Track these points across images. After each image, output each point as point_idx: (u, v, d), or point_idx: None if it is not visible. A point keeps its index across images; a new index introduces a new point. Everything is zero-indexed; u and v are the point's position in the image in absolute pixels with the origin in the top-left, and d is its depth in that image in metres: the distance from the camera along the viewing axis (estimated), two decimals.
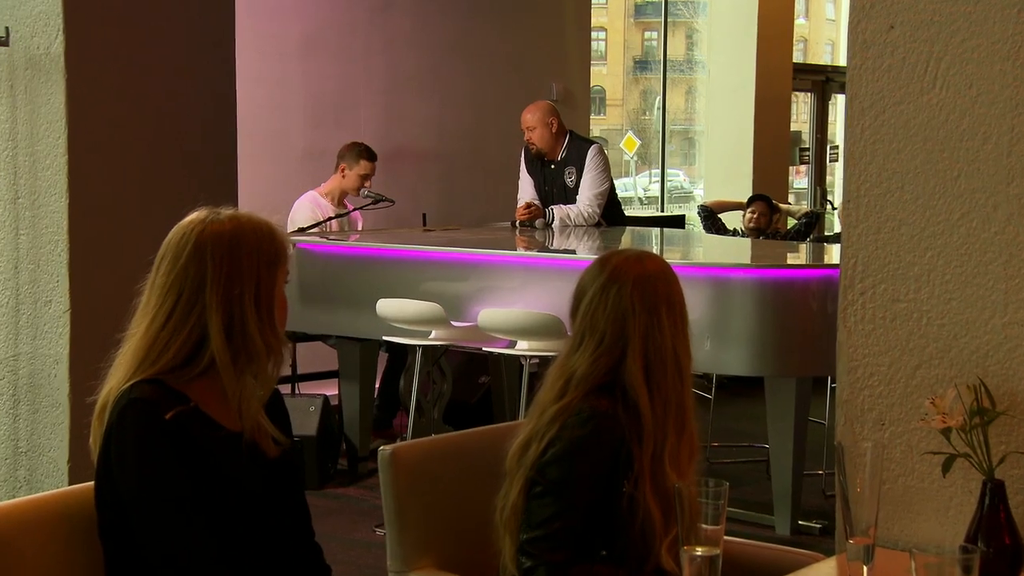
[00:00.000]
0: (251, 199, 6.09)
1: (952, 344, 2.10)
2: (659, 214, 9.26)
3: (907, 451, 2.15)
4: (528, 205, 5.70)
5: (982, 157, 2.07)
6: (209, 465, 1.76)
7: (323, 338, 5.46)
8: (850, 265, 2.21)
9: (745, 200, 7.32)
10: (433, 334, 4.61)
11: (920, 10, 2.14)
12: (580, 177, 5.72)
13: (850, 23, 2.23)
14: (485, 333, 4.46)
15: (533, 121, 5.76)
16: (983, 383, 1.99)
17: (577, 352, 2.03)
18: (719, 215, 7.33)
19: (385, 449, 2.16)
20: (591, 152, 5.74)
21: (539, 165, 5.84)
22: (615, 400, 2.00)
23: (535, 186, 5.87)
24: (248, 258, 1.80)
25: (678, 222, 8.05)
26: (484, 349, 4.61)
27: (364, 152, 5.75)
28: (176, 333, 1.77)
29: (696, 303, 4.15)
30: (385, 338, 4.77)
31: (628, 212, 10.17)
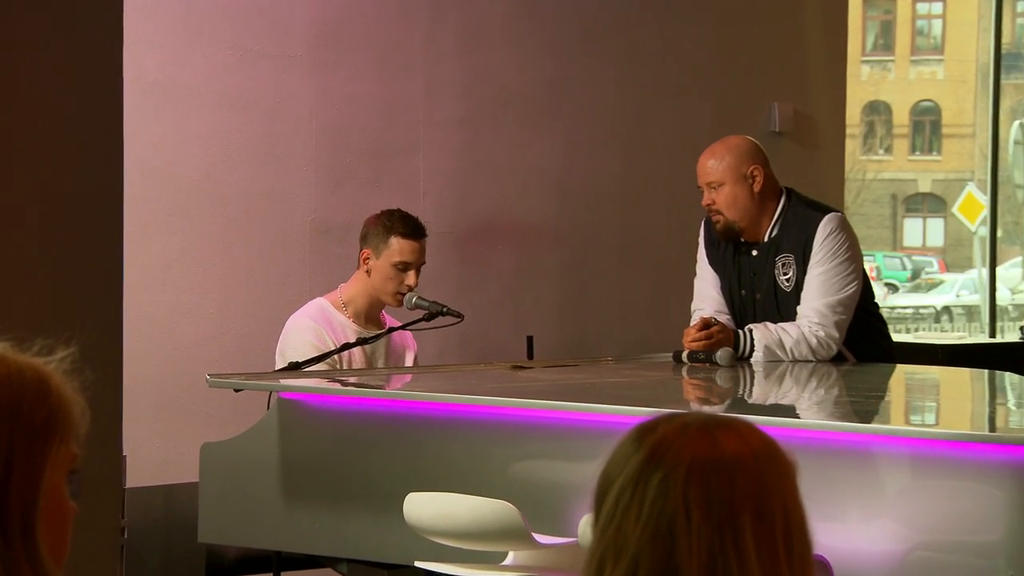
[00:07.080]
0: (223, 311, 6.29)
1: None
2: (982, 340, 9.06)
3: None
4: (706, 323, 5.68)
5: None
6: None
7: (329, 563, 5.50)
8: None
9: None
10: (510, 558, 4.63)
11: None
12: (803, 273, 5.68)
13: None
14: None
15: (718, 172, 5.77)
16: None
17: None
18: None
19: None
20: (824, 226, 5.70)
21: (730, 252, 5.86)
22: None
23: (722, 288, 5.88)
24: None
25: (1012, 355, 7.86)
26: None
27: (397, 225, 5.85)
28: None
29: (989, 508, 4.20)
30: (420, 564, 4.77)
31: (945, 335, 9.81)
